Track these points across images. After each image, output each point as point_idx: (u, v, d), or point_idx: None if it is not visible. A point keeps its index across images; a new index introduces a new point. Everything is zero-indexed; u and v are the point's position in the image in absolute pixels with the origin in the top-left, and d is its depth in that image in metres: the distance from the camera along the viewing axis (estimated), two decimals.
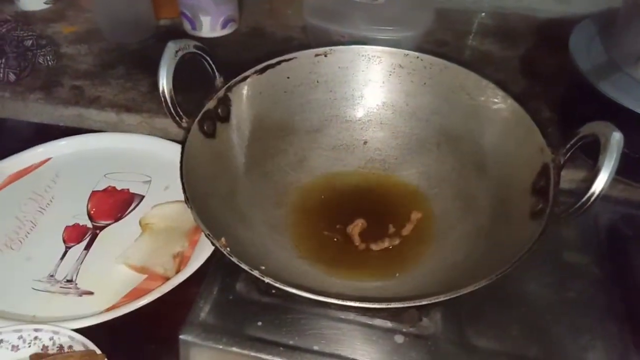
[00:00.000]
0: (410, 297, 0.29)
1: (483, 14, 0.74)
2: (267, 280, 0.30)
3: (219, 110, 0.42)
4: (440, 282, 0.38)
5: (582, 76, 0.48)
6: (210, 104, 0.41)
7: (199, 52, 0.40)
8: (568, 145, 0.36)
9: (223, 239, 0.34)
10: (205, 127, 0.41)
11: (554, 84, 0.61)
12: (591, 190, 0.31)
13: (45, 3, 0.76)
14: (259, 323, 0.39)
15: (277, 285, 0.29)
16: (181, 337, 0.37)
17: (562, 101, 0.58)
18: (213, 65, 0.42)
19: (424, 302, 0.29)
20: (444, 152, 0.47)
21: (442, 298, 0.29)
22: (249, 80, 0.44)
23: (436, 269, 0.40)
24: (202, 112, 0.40)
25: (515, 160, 0.40)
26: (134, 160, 0.56)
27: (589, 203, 0.32)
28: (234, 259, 0.31)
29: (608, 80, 0.47)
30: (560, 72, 0.60)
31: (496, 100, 0.43)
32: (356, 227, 0.43)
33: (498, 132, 0.43)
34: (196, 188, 0.37)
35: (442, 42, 0.70)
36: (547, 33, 0.71)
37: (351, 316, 0.39)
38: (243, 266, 0.30)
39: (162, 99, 0.38)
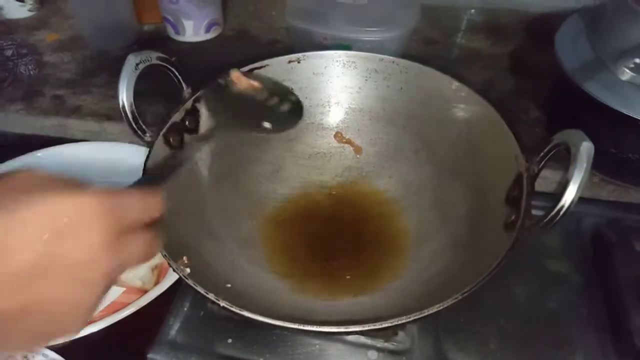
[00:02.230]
0: (373, 319, 0.28)
1: (473, 10, 0.73)
2: (222, 303, 0.29)
3: (187, 122, 0.41)
4: (416, 296, 0.37)
5: (567, 75, 0.47)
6: (177, 117, 0.40)
7: (163, 63, 0.39)
8: (542, 154, 0.34)
9: (185, 258, 0.33)
10: (171, 140, 0.40)
11: (543, 82, 0.60)
12: (560, 203, 0.30)
13: (29, 11, 0.75)
14: (229, 340, 0.38)
15: (233, 309, 0.28)
16: (149, 356, 0.37)
17: (550, 100, 0.57)
18: (179, 76, 0.41)
19: (384, 325, 0.28)
20: (421, 159, 0.45)
21: (404, 320, 0.28)
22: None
23: (412, 283, 0.39)
24: (167, 125, 0.39)
25: (492, 168, 0.39)
26: (116, 169, 0.55)
27: (559, 216, 0.30)
28: (189, 282, 0.30)
29: (594, 79, 0.45)
30: (550, 69, 0.59)
31: (472, 105, 0.42)
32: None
33: (475, 138, 0.42)
34: None
35: (430, 40, 0.69)
36: (538, 28, 0.69)
37: None
38: (198, 289, 0.29)
39: (123, 114, 0.37)
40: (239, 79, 0.43)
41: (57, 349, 0.39)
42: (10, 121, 0.61)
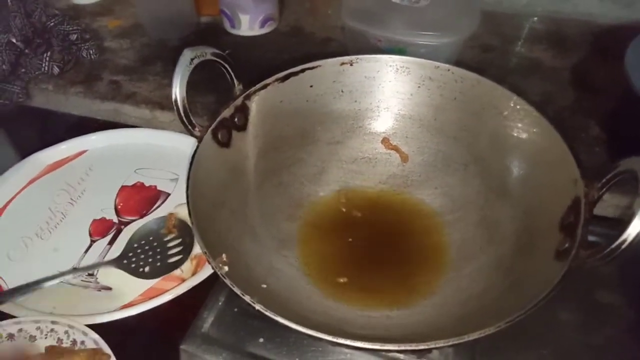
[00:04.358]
0: (406, 338, 0.27)
1: (535, 18, 0.69)
2: (257, 307, 0.29)
3: (236, 119, 0.42)
4: (454, 316, 0.36)
5: (636, 94, 0.44)
6: (226, 113, 0.40)
7: (217, 59, 0.39)
8: (604, 180, 0.32)
9: (224, 255, 0.33)
10: (219, 136, 0.40)
11: (606, 99, 0.57)
12: (622, 237, 0.28)
13: None
14: (261, 339, 0.38)
15: (268, 314, 0.28)
16: (182, 347, 0.37)
17: (613, 119, 0.53)
18: (232, 73, 0.41)
19: (420, 347, 0.27)
20: (471, 173, 0.44)
21: (441, 344, 0.27)
22: (269, 88, 0.43)
23: (450, 301, 0.37)
24: (217, 121, 0.40)
25: (547, 190, 0.37)
26: (164, 157, 0.57)
27: (619, 250, 0.28)
28: (227, 281, 0.30)
29: None
30: (615, 86, 0.55)
31: (531, 122, 0.40)
32: None
33: (530, 157, 0.40)
34: (205, 200, 0.37)
35: (488, 47, 0.66)
36: (604, 41, 0.65)
37: None
38: (235, 289, 0.30)
39: (175, 108, 0.37)
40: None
41: (95, 328, 0.41)
42: (70, 103, 0.63)
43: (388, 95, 0.47)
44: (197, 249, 0.47)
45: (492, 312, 0.30)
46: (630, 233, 0.28)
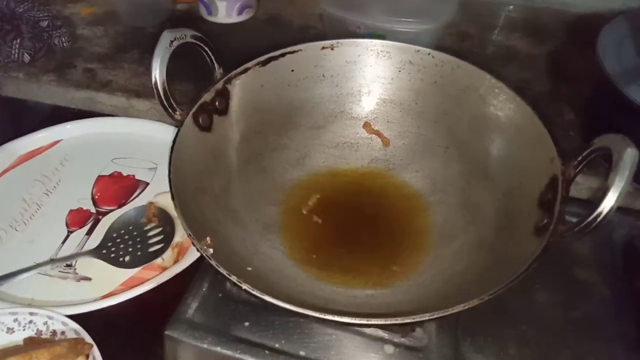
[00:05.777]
0: (392, 314, 0.28)
1: (511, 6, 0.71)
2: (244, 286, 0.29)
3: (217, 103, 0.41)
4: (437, 294, 0.36)
5: (609, 79, 0.45)
6: (207, 97, 0.40)
7: (197, 42, 0.38)
8: (580, 158, 0.33)
9: (208, 238, 0.33)
10: (200, 120, 0.40)
11: (581, 85, 0.58)
12: (598, 210, 0.29)
13: None
14: (246, 323, 0.38)
15: (254, 293, 0.28)
16: (166, 332, 0.37)
17: (587, 104, 0.55)
18: (212, 56, 0.40)
19: (407, 320, 0.27)
20: (451, 156, 0.44)
21: (426, 317, 0.27)
22: (250, 72, 0.43)
23: (433, 279, 0.38)
24: (197, 105, 0.39)
25: (525, 169, 0.38)
26: (142, 146, 0.56)
27: (595, 223, 0.29)
28: (212, 262, 0.30)
29: (637, 85, 0.44)
30: (590, 72, 0.57)
31: (509, 104, 0.40)
32: None
33: (509, 138, 0.41)
34: (187, 184, 0.36)
35: (464, 35, 0.67)
36: (579, 29, 0.67)
37: None
38: (221, 270, 0.29)
39: (155, 91, 0.37)
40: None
41: (75, 319, 0.40)
42: (43, 92, 0.62)
43: (369, 80, 0.47)
44: (178, 237, 0.47)
45: (475, 288, 0.31)
46: (605, 207, 0.29)
